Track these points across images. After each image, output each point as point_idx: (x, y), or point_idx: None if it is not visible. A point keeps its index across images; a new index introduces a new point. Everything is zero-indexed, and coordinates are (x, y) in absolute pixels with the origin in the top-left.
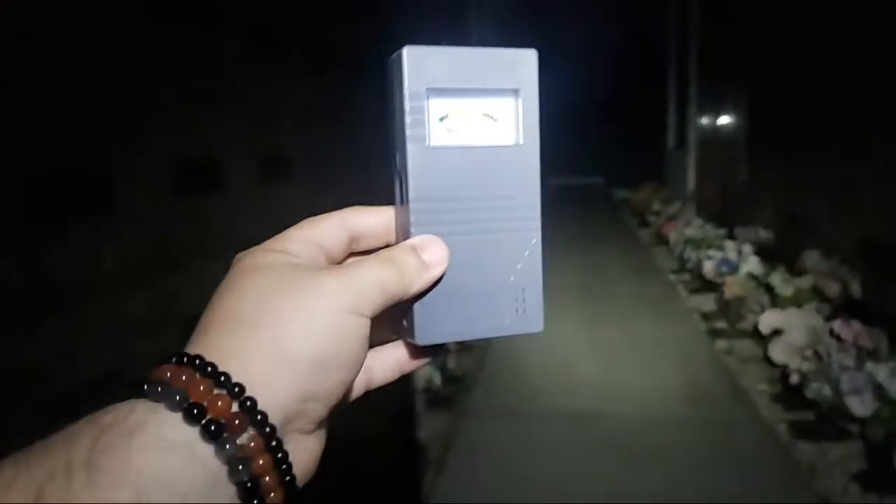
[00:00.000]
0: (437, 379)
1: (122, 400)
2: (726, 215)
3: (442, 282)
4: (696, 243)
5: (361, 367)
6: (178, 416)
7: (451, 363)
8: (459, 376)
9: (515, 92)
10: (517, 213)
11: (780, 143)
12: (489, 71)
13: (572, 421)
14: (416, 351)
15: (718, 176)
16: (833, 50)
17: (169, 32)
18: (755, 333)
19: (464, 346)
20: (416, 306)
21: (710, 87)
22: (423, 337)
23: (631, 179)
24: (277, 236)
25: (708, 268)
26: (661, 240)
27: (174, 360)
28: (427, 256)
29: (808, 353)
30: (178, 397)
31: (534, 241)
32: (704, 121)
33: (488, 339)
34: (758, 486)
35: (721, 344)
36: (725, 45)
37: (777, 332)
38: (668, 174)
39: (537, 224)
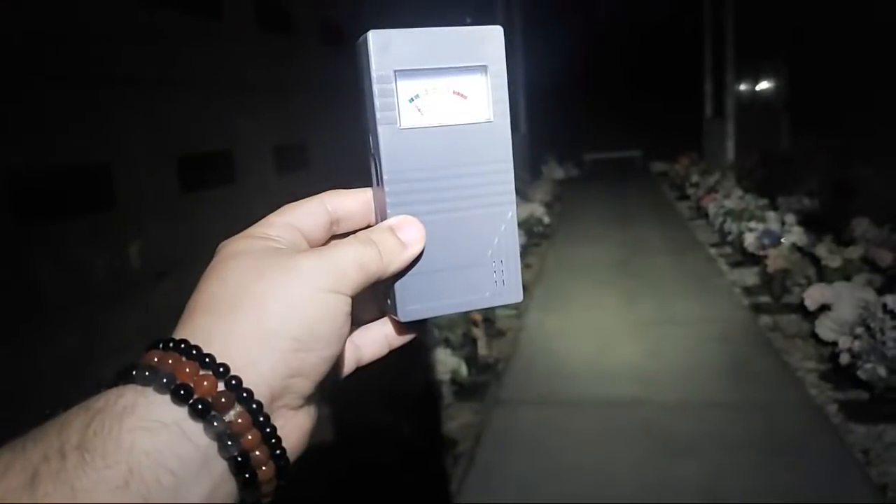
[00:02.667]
0: (463, 370)
1: (113, 386)
2: (767, 185)
3: (421, 259)
4: (737, 215)
5: (344, 343)
6: (167, 397)
7: (483, 349)
8: (491, 364)
9: (483, 69)
10: (492, 188)
11: (822, 107)
12: (456, 49)
13: (610, 408)
14: (402, 327)
15: (758, 144)
16: (877, 7)
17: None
18: (801, 308)
19: (495, 332)
20: (397, 284)
21: (747, 52)
22: (406, 313)
23: (669, 151)
24: (258, 223)
25: (750, 240)
26: (701, 213)
27: (160, 345)
28: (404, 236)
29: (860, 330)
30: (165, 380)
31: (509, 215)
32: (742, 88)
33: (469, 312)
34: (808, 472)
35: (765, 320)
36: (762, 9)
37: (825, 308)
38: (707, 144)
39: (512, 198)
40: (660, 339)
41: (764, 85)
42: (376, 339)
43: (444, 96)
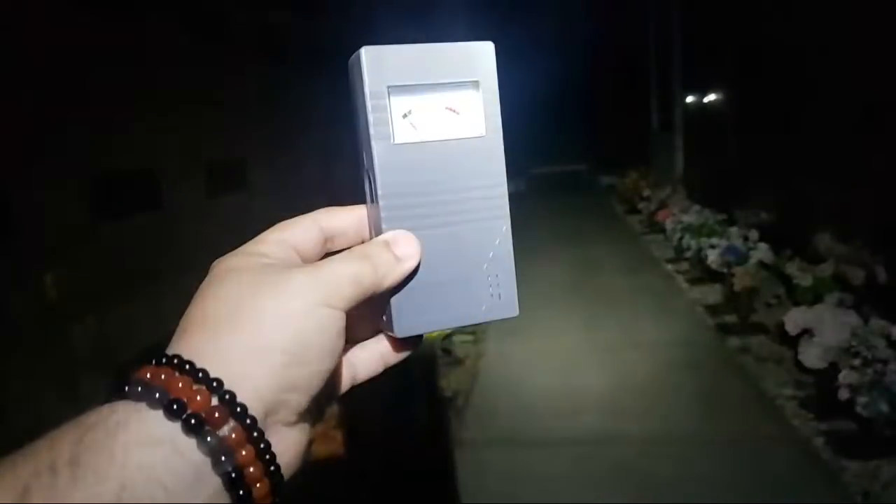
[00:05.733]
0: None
1: (105, 402)
2: (720, 198)
3: (417, 274)
4: (696, 230)
5: (339, 358)
6: (160, 412)
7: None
8: (450, 398)
9: (475, 84)
10: (486, 202)
11: (771, 118)
12: (448, 65)
13: (580, 447)
14: (398, 343)
15: (708, 156)
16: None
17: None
18: (772, 329)
19: (453, 361)
20: (393, 300)
21: (694, 64)
22: (402, 329)
23: (616, 164)
24: (252, 240)
25: (713, 257)
26: (654, 227)
27: (153, 361)
28: (399, 251)
29: (857, 362)
30: (158, 395)
31: (504, 229)
32: (690, 100)
33: (466, 327)
34: None
35: (734, 342)
36: (709, 20)
37: (805, 331)
38: (655, 157)
39: (506, 212)
40: (624, 366)
41: (712, 96)
42: (372, 356)
43: (438, 111)
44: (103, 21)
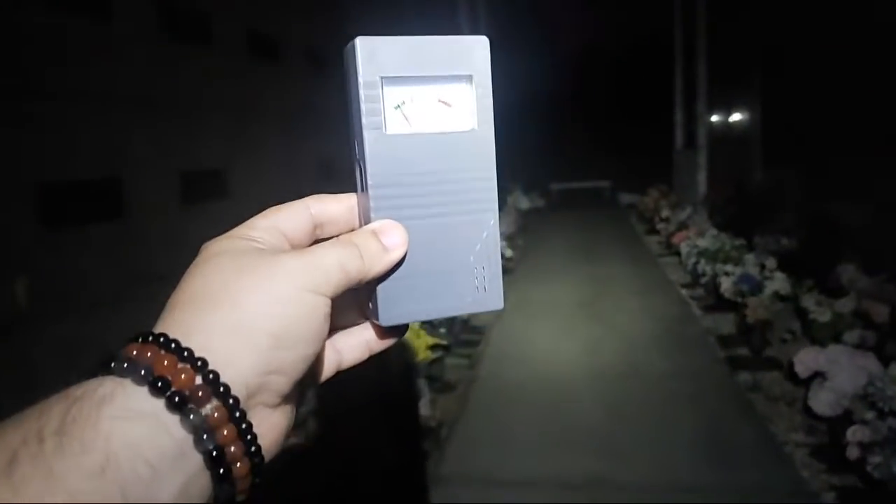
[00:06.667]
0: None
1: (93, 377)
2: (741, 221)
3: (403, 264)
4: (712, 255)
5: (323, 343)
6: (145, 388)
7: (425, 409)
8: (433, 428)
9: (469, 78)
10: (475, 195)
11: (798, 139)
12: (442, 58)
13: (566, 491)
14: (383, 331)
15: (731, 178)
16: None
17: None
18: (790, 369)
19: (443, 386)
20: (379, 288)
21: (720, 82)
22: (387, 318)
23: (638, 182)
24: (241, 225)
25: (726, 285)
26: (672, 249)
27: (140, 338)
28: (387, 240)
29: (870, 415)
30: (143, 371)
31: (491, 223)
32: (714, 118)
33: (451, 318)
34: None
35: (744, 377)
36: (735, 38)
37: (818, 374)
38: (677, 176)
39: (494, 206)
40: (625, 398)
41: (737, 116)
42: (357, 343)
43: (430, 104)
44: (68, 19)
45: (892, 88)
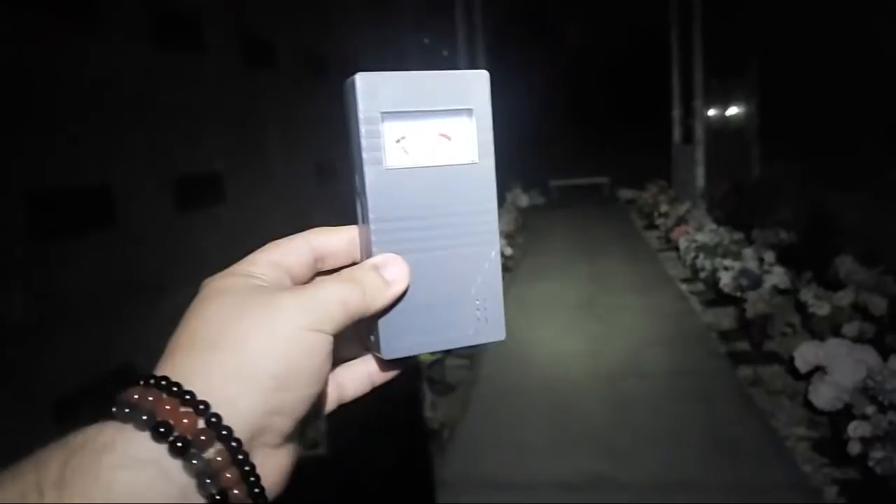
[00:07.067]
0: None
1: (93, 423)
2: (740, 215)
3: (405, 297)
4: (711, 250)
5: (325, 382)
6: (146, 434)
7: (427, 411)
8: (435, 430)
9: (469, 112)
10: (476, 227)
11: (796, 133)
12: (442, 93)
13: (570, 492)
14: (385, 364)
15: (729, 172)
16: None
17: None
18: (791, 363)
19: (444, 388)
20: (381, 322)
21: (717, 76)
22: (389, 351)
23: (637, 178)
24: (242, 260)
25: (726, 280)
26: (671, 244)
27: (141, 382)
28: (388, 274)
29: (870, 409)
30: (145, 417)
31: (493, 254)
32: (712, 113)
33: (453, 350)
34: None
35: (745, 371)
36: (732, 31)
37: (818, 368)
38: (675, 171)
39: (495, 238)
40: (626, 395)
41: (734, 110)
42: (359, 376)
43: (430, 138)
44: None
45: (890, 80)
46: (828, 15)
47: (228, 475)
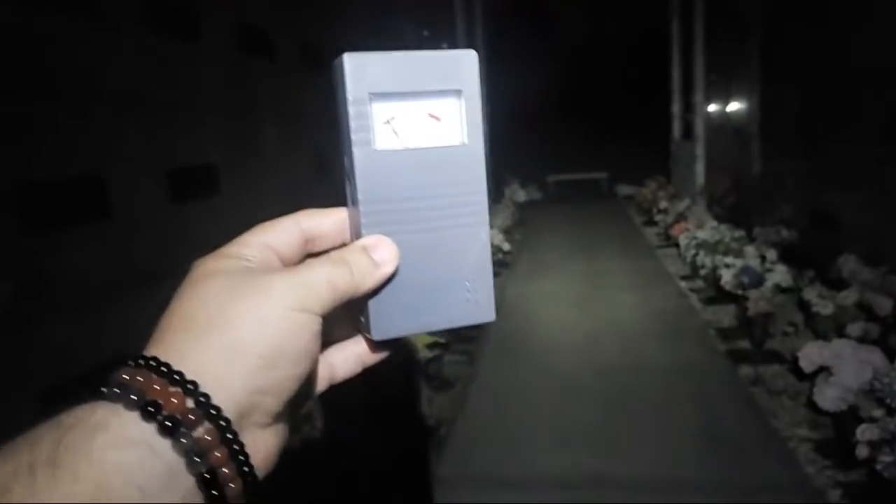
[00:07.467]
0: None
1: (84, 402)
2: (740, 212)
3: (394, 278)
4: (711, 247)
5: (314, 362)
6: (136, 414)
7: (423, 407)
8: (431, 428)
9: (458, 93)
10: (465, 209)
11: (798, 129)
12: (431, 73)
13: (567, 491)
14: (375, 345)
15: (729, 168)
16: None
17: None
18: (795, 362)
19: (441, 384)
20: (371, 303)
21: (717, 72)
22: (379, 332)
23: (636, 174)
24: (232, 242)
25: (727, 278)
26: (670, 241)
27: (131, 362)
28: (377, 256)
29: (878, 412)
30: (134, 396)
31: (482, 236)
32: (712, 109)
33: (444, 331)
34: None
35: (746, 370)
36: (733, 26)
37: (823, 369)
38: (675, 167)
39: (485, 219)
40: (625, 393)
41: (735, 105)
42: (350, 357)
43: (419, 119)
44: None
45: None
46: (832, 8)
47: (217, 454)
